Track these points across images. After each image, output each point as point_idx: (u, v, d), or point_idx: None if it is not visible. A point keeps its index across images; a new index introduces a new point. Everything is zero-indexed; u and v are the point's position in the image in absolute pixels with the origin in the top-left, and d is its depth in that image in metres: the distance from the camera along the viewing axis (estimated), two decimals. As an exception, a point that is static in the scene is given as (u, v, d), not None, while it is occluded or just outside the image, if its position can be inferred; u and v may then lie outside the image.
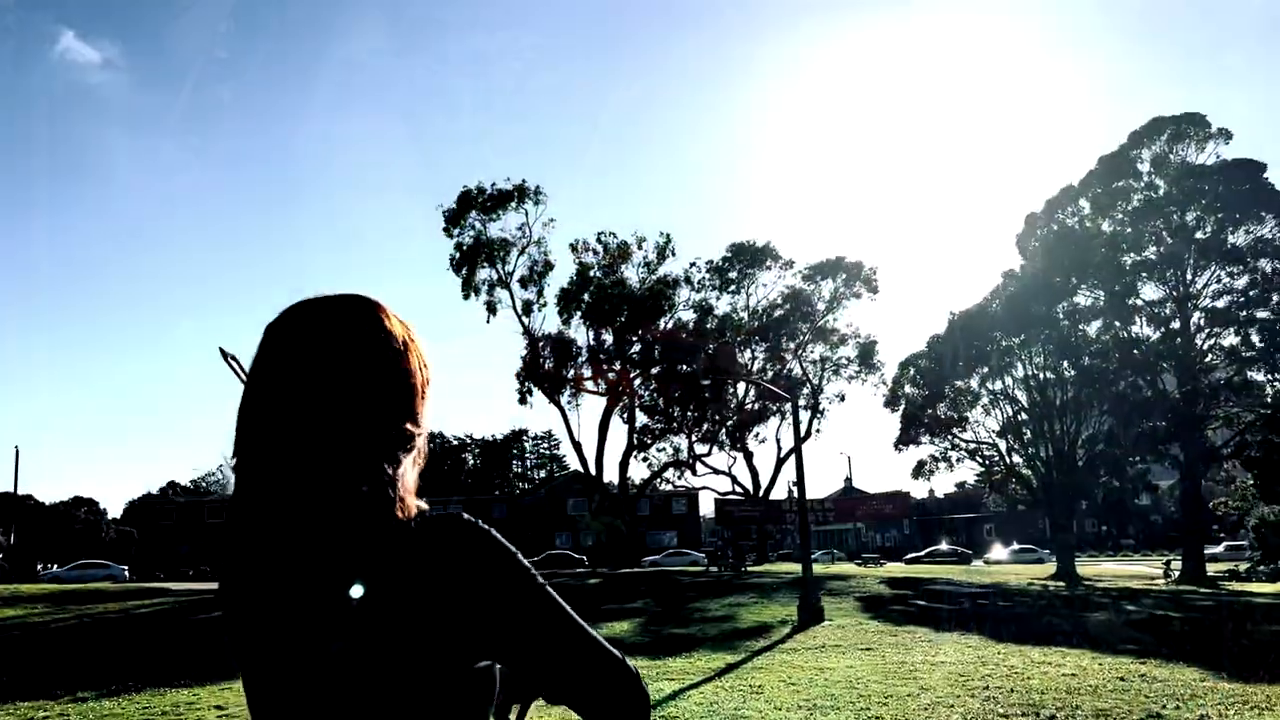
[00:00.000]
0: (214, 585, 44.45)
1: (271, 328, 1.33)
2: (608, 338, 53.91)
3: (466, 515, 1.27)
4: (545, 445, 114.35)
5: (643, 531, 77.36)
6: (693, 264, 56.81)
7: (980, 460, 45.18)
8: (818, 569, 34.51)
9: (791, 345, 57.64)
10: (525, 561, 1.27)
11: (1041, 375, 40.98)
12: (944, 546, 70.70)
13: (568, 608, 1.27)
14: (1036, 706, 10.16)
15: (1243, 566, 43.31)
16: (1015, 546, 68.50)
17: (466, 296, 51.91)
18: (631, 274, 54.60)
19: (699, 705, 10.67)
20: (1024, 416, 42.53)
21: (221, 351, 1.39)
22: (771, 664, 14.55)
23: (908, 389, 45.22)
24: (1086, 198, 40.35)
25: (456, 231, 51.44)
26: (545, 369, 53.67)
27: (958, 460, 45.02)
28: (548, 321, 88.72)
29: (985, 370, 42.43)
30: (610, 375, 55.33)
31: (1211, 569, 41.20)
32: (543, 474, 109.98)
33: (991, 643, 16.62)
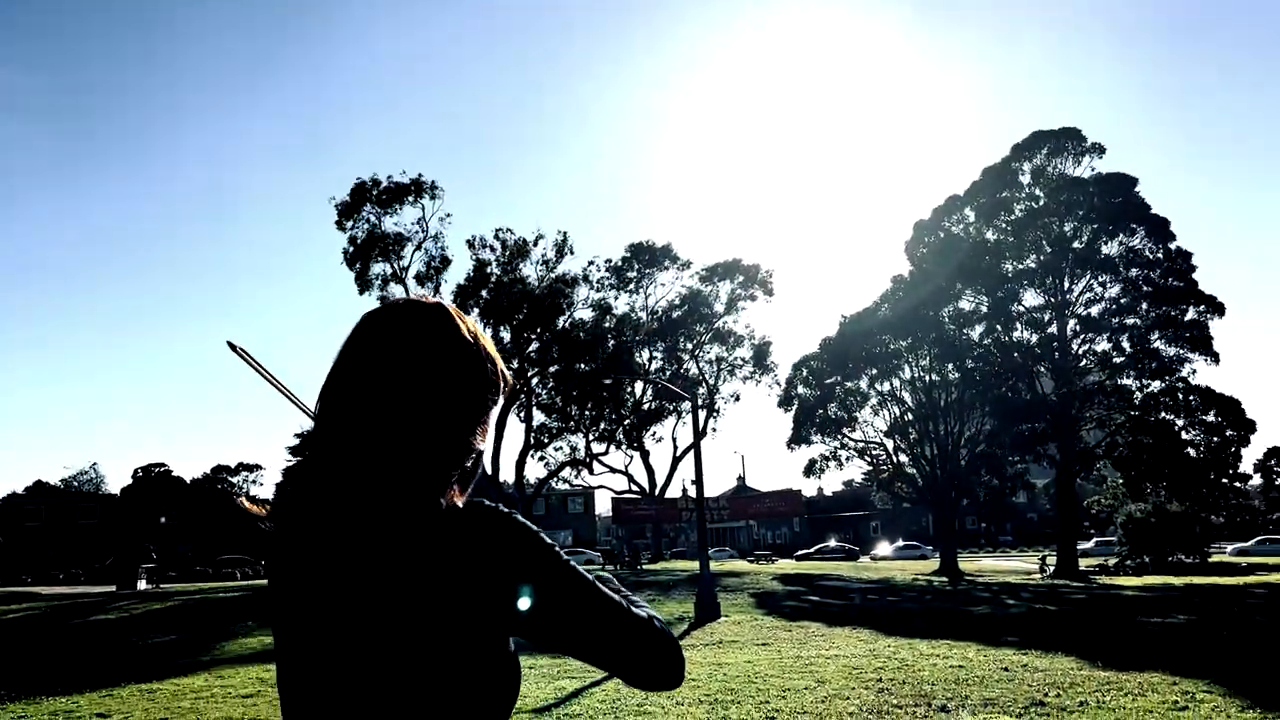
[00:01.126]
0: (90, 589, 42.56)
1: (365, 324, 1.40)
2: (505, 335, 53.54)
3: (489, 503, 1.34)
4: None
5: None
6: (591, 263, 56.88)
7: (869, 459, 46.45)
8: (713, 566, 34.98)
9: (689, 346, 58.25)
10: (548, 540, 1.34)
11: (927, 377, 42.38)
12: (832, 543, 72.44)
13: (592, 578, 1.35)
14: (928, 696, 10.51)
15: (1112, 561, 45.65)
16: (900, 543, 70.68)
17: (362, 292, 50.85)
18: (530, 271, 54.35)
19: (601, 703, 10.69)
20: (910, 417, 43.91)
21: (230, 345, 1.42)
22: (671, 660, 14.63)
23: (800, 389, 46.17)
24: (972, 207, 41.89)
25: (350, 225, 50.33)
26: (441, 367, 52.87)
27: (847, 459, 46.18)
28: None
29: (874, 372, 43.64)
30: (508, 373, 54.88)
31: (1083, 564, 43.27)
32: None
33: (882, 636, 17.12)
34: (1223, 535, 57.41)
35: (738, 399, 58.86)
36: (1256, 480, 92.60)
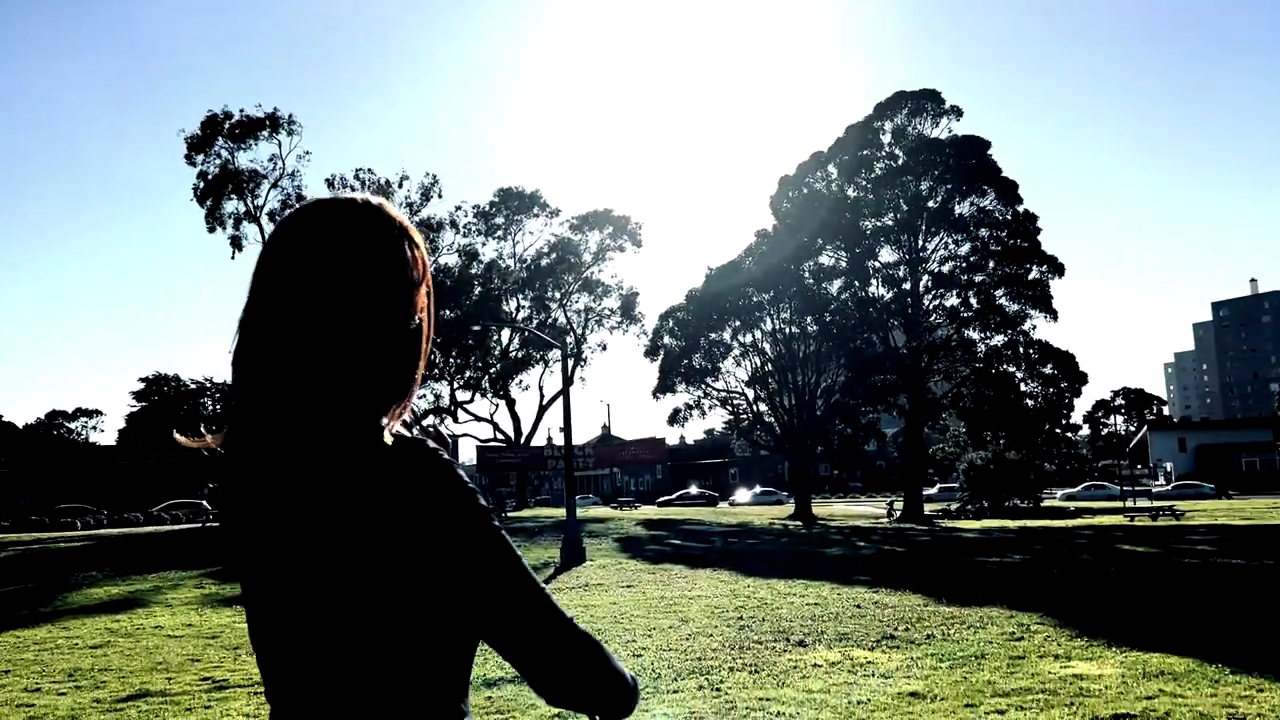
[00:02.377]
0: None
1: (281, 231, 1.27)
2: (366, 280, 52.13)
3: (432, 444, 1.24)
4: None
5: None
6: (458, 208, 55.92)
7: (730, 409, 47.56)
8: (579, 513, 35.28)
9: (557, 295, 58.02)
10: (483, 503, 1.23)
11: (788, 330, 43.53)
12: (693, 490, 74.16)
13: (522, 559, 1.24)
14: (786, 633, 10.99)
15: (954, 506, 48.37)
16: (758, 489, 72.93)
17: (211, 229, 48.47)
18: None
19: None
20: (770, 368, 45.08)
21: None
22: (538, 604, 14.79)
23: (667, 340, 46.73)
24: (835, 164, 42.95)
25: (201, 160, 47.78)
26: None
27: (710, 408, 47.16)
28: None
29: (737, 324, 44.53)
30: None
31: (928, 508, 45.66)
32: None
33: (742, 577, 17.72)
34: (1054, 482, 61.41)
35: (605, 348, 59.22)
36: (1085, 431, 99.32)
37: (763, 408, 45.57)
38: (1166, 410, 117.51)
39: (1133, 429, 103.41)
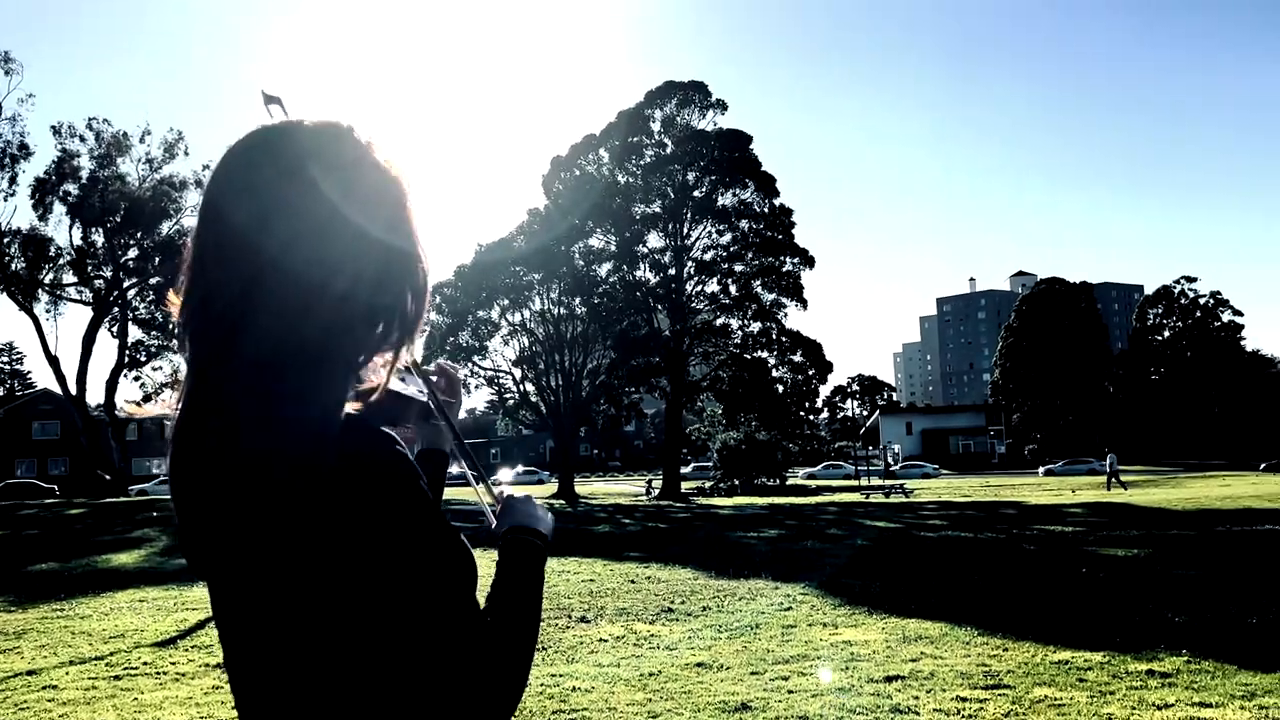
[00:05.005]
0: None
1: (225, 166, 1.09)
2: (98, 239, 47.56)
3: (387, 431, 1.07)
4: (4, 359, 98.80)
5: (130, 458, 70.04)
6: (205, 166, 51.85)
7: (496, 388, 47.25)
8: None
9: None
10: (416, 511, 1.04)
11: (556, 310, 43.73)
12: (454, 470, 73.04)
13: (450, 582, 1.04)
14: (568, 610, 11.01)
15: (708, 484, 50.44)
16: (520, 469, 72.97)
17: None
18: (130, 170, 48.56)
19: (232, 634, 10.05)
20: (538, 348, 45.16)
21: (265, 95, 1.08)
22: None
23: (433, 316, 45.69)
24: (607, 148, 43.46)
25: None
26: (13, 270, 46.06)
27: (476, 387, 46.66)
28: (20, 214, 75.70)
29: (506, 302, 44.25)
30: (99, 282, 49.02)
31: (684, 486, 47.35)
32: (0, 392, 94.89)
33: (514, 557, 17.60)
34: (797, 461, 65.34)
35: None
36: (825, 414, 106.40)
37: (529, 388, 45.60)
38: (896, 396, 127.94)
39: (865, 413, 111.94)
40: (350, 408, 1.11)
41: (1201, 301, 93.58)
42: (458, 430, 1.65)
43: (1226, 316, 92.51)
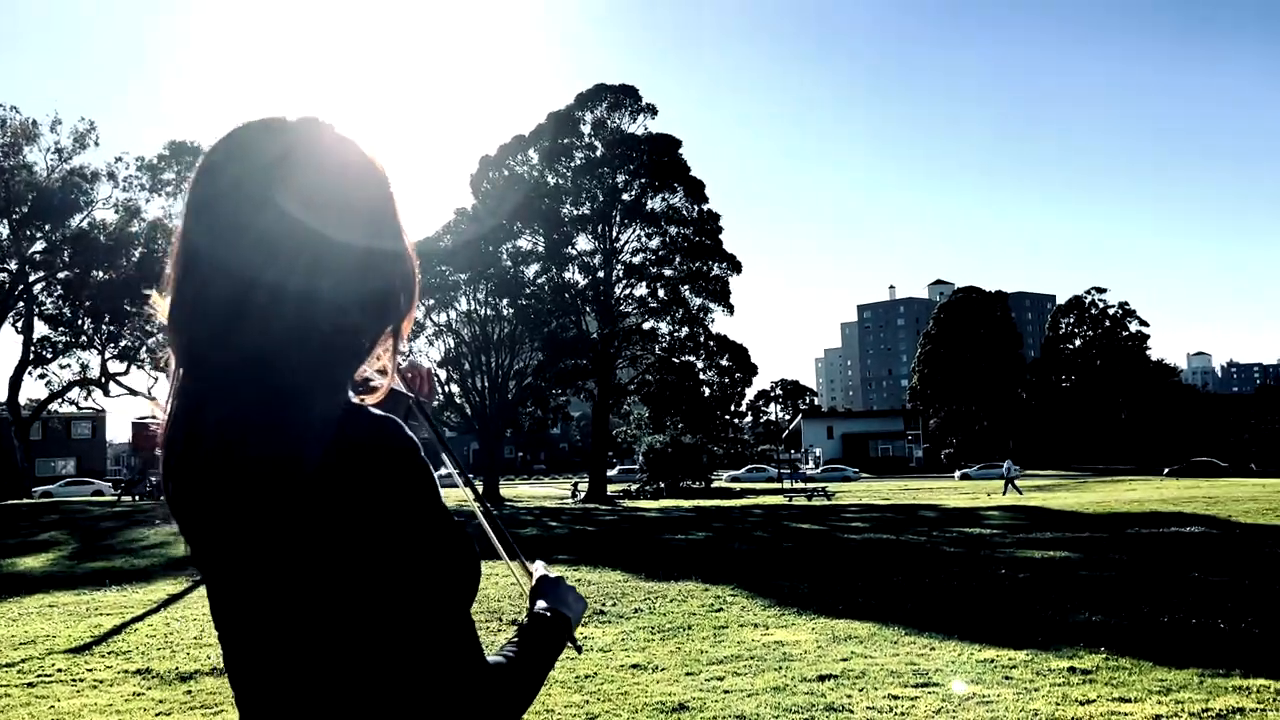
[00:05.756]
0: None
1: (205, 157, 1.09)
2: (3, 230, 45.78)
3: (396, 419, 1.06)
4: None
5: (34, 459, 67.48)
6: (119, 158, 50.50)
7: (420, 389, 46.60)
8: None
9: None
10: (434, 504, 1.04)
11: (483, 311, 43.37)
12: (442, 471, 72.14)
13: (442, 577, 1.03)
14: (498, 612, 10.94)
15: (634, 487, 50.51)
16: (442, 471, 72.09)
17: None
18: (39, 160, 46.83)
19: (150, 638, 9.73)
20: (464, 349, 44.72)
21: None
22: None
23: (356, 315, 44.98)
24: (536, 149, 43.28)
25: None
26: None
27: (399, 388, 45.98)
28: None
29: (432, 302, 43.71)
30: (2, 276, 47.20)
31: (609, 489, 47.35)
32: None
33: (441, 559, 17.41)
34: (722, 464, 65.85)
35: (283, 321, 55.77)
36: (749, 418, 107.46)
37: (454, 390, 45.12)
38: (817, 401, 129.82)
39: (788, 417, 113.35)
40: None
41: (1110, 312, 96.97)
42: (441, 433, 1.63)
43: (1134, 327, 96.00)
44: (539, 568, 1.37)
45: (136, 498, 42.53)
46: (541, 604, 1.29)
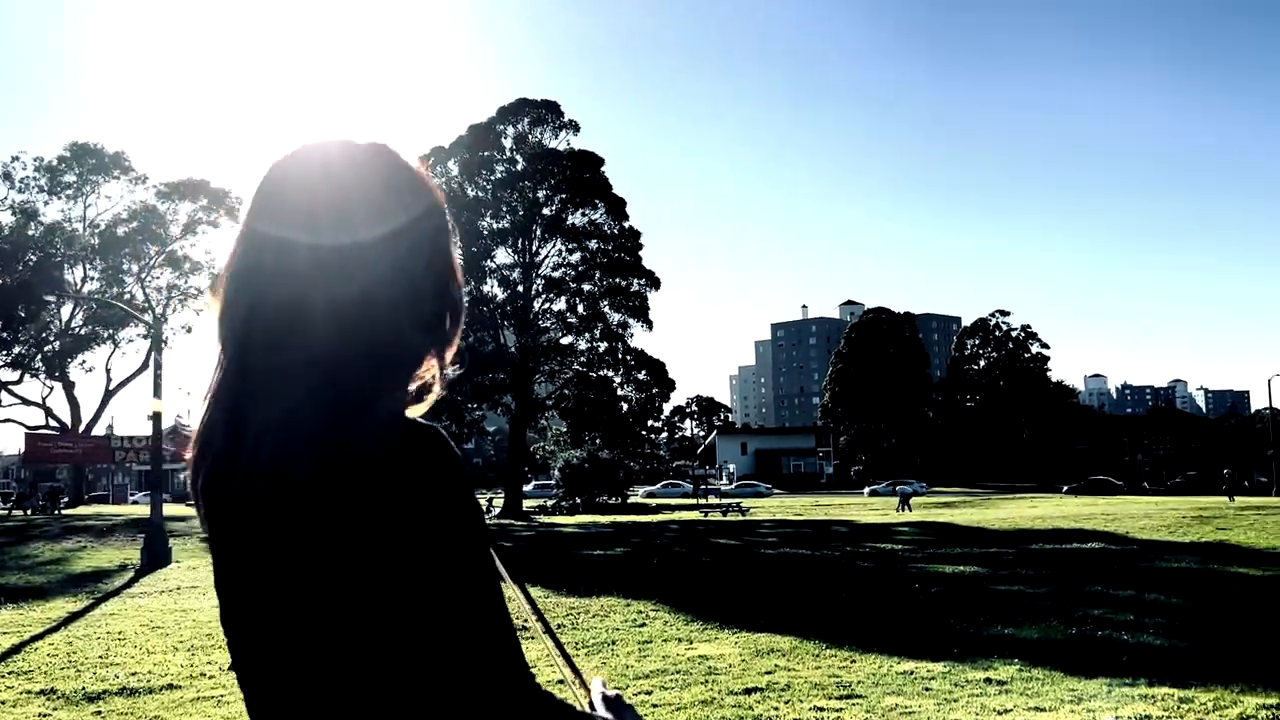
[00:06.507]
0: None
1: (266, 179, 1.12)
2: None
3: (442, 430, 1.08)
4: None
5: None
6: (15, 158, 48.47)
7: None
8: (143, 511, 31.97)
9: (135, 268, 52.22)
10: (474, 506, 1.07)
11: (399, 323, 42.66)
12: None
13: (495, 585, 1.05)
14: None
15: (550, 502, 50.25)
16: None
17: None
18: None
19: (52, 657, 9.34)
20: (379, 362, 43.98)
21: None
22: (124, 609, 13.26)
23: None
24: (456, 160, 42.91)
25: None
26: None
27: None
28: None
29: (346, 314, 42.96)
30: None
31: (525, 504, 47.00)
32: None
33: (356, 576, 17.06)
34: (638, 480, 65.96)
35: (190, 331, 54.12)
36: (665, 434, 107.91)
37: (368, 402, 44.35)
38: (731, 418, 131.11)
39: (703, 433, 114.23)
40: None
41: (1013, 334, 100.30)
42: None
43: (1035, 348, 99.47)
44: (597, 685, 1.31)
45: (29, 511, 40.73)
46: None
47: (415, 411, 1.14)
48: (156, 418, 20.76)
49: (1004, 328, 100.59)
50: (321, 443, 1.02)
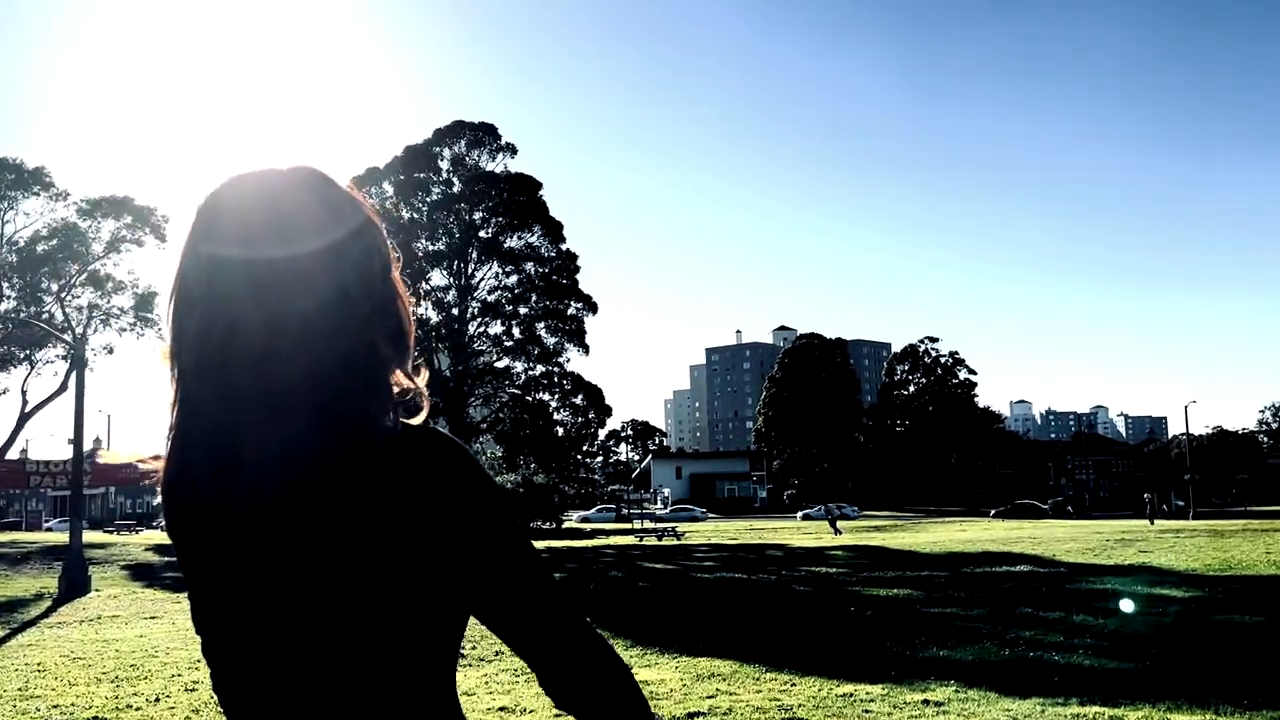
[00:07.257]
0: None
1: (213, 205, 1.12)
2: None
3: (443, 429, 1.14)
4: None
5: None
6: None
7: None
8: (59, 538, 30.87)
9: (54, 286, 50.61)
10: (500, 492, 1.14)
11: (331, 345, 42.08)
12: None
13: (538, 554, 1.15)
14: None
15: (483, 527, 49.73)
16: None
17: None
18: None
19: (-35, 694, 8.93)
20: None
21: None
22: (43, 640, 12.78)
23: (193, 346, 42.94)
24: (391, 181, 42.63)
25: None
26: None
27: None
28: None
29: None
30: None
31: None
32: None
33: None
34: (573, 504, 65.70)
35: (111, 352, 52.53)
36: (600, 458, 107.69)
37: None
38: (666, 442, 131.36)
39: (638, 457, 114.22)
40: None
41: (942, 360, 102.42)
42: None
43: (963, 374, 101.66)
44: None
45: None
46: None
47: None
48: (78, 441, 20.11)
49: (933, 354, 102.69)
50: (330, 458, 1.03)
